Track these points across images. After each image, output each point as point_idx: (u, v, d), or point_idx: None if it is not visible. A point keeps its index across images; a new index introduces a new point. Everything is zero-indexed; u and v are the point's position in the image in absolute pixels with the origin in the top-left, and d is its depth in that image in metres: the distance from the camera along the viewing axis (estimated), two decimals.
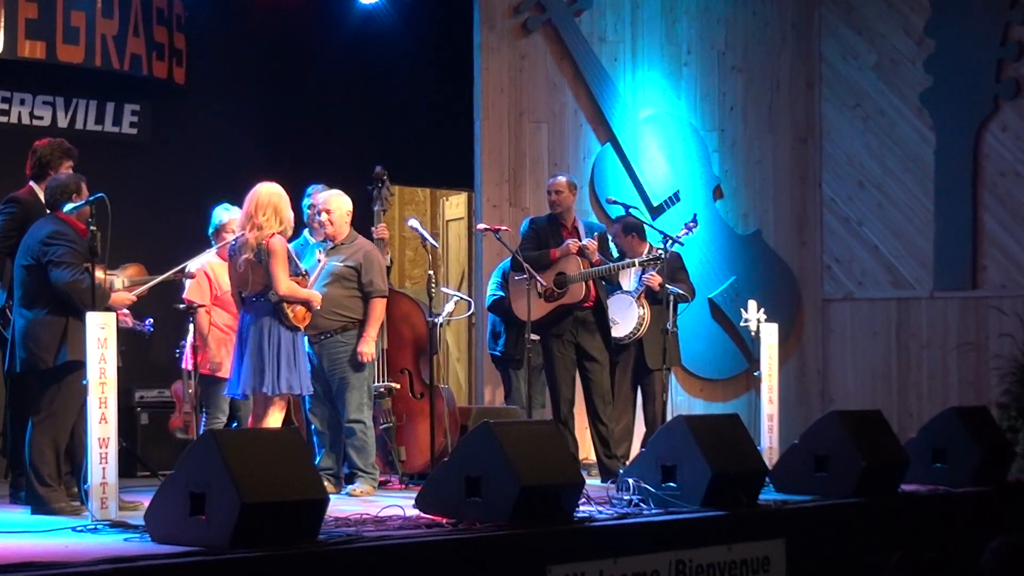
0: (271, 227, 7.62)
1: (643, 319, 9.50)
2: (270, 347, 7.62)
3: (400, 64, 11.57)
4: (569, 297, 9.10)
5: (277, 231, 7.64)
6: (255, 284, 7.66)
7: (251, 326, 7.66)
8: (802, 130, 12.25)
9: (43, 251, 7.22)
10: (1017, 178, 11.39)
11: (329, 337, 8.45)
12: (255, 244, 7.62)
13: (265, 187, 7.74)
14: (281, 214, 7.67)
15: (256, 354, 7.62)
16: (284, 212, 7.70)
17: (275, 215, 7.64)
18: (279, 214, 7.66)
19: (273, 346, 7.63)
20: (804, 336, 12.13)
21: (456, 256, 13.05)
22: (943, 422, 8.88)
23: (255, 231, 7.63)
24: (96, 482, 6.67)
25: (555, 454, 6.86)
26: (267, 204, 7.65)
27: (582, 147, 11.57)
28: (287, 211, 7.73)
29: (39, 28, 9.52)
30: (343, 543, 5.93)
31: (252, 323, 7.67)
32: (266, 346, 7.62)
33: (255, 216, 7.64)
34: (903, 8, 11.93)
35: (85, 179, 7.52)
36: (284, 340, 7.65)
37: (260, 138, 10.90)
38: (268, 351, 7.62)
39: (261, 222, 7.62)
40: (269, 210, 7.64)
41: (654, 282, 9.45)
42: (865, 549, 7.74)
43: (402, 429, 9.12)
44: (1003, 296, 11.38)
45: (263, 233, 7.61)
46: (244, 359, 7.67)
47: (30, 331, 7.28)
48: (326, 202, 8.56)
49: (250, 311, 7.71)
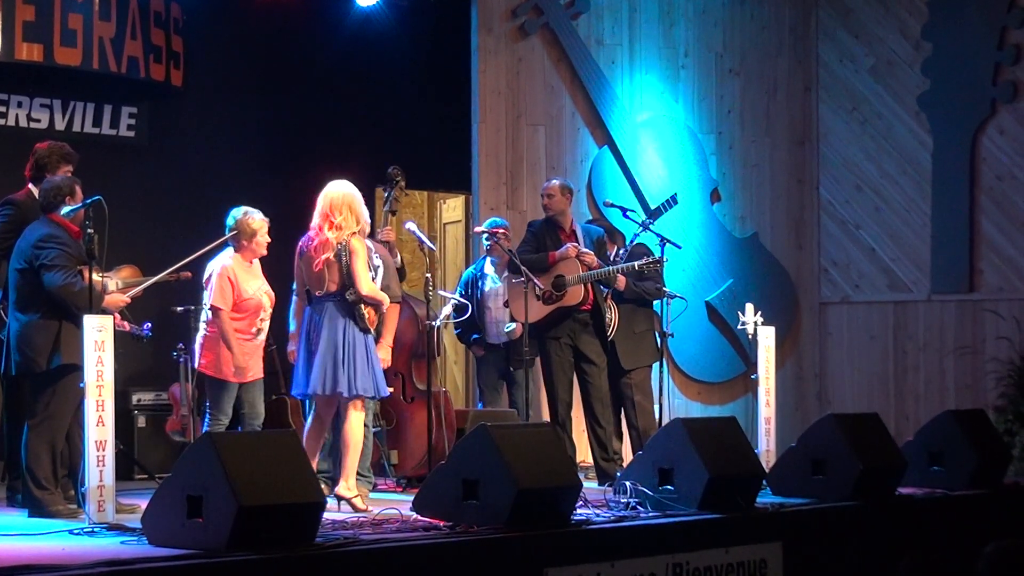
0: (350, 227, 7.54)
1: (611, 321, 9.48)
2: (346, 347, 7.52)
3: (398, 67, 11.58)
4: (568, 300, 9.11)
5: (356, 230, 7.58)
6: (331, 283, 7.57)
7: (323, 325, 7.54)
8: (799, 133, 12.25)
9: (35, 254, 7.21)
10: (1014, 182, 11.40)
11: None
12: (336, 244, 7.54)
13: (337, 186, 7.67)
14: (357, 212, 7.60)
15: (329, 354, 7.50)
16: (360, 210, 7.63)
17: (351, 214, 7.57)
18: (355, 212, 7.59)
19: (349, 346, 7.52)
20: (801, 339, 12.14)
21: (453, 259, 13.05)
22: (940, 425, 8.88)
23: (335, 231, 7.54)
24: (93, 485, 6.67)
25: (552, 457, 6.86)
26: (342, 203, 7.57)
27: (579, 150, 11.57)
28: (362, 209, 7.66)
29: (36, 31, 9.52)
30: (340, 546, 5.93)
31: (325, 322, 7.54)
32: (341, 346, 7.51)
33: (332, 216, 7.56)
34: (900, 12, 11.94)
35: (80, 181, 7.50)
36: (359, 341, 7.55)
37: (257, 141, 10.90)
38: (344, 351, 7.51)
39: (339, 222, 7.54)
40: (345, 209, 7.56)
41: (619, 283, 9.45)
42: (862, 552, 7.75)
43: (393, 433, 9.13)
44: (1000, 299, 11.38)
45: (343, 233, 7.53)
46: (316, 358, 7.53)
47: (24, 335, 7.28)
48: None
49: (321, 310, 7.57)
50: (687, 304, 10.17)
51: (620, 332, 9.52)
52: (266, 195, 8.96)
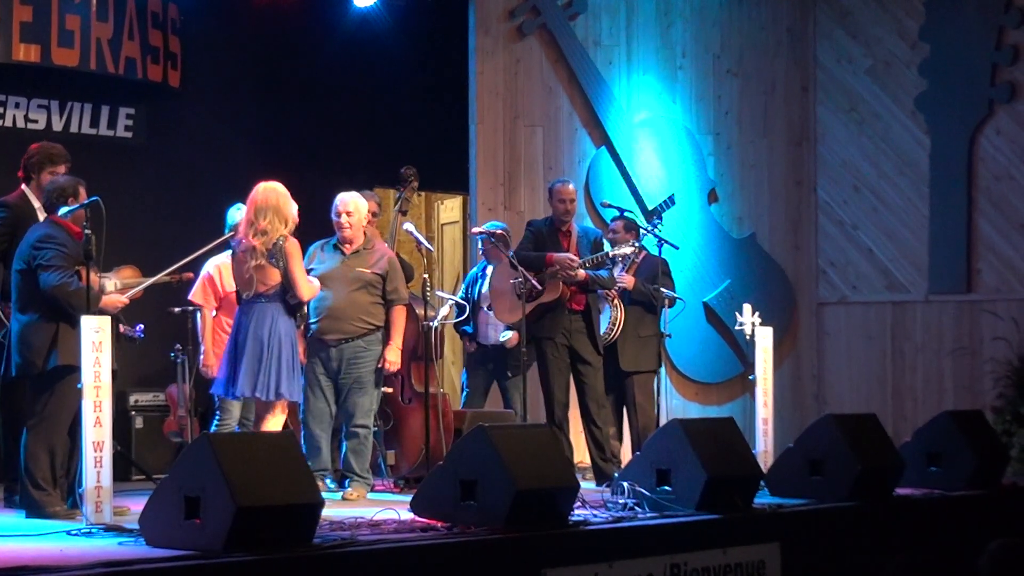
0: (277, 229, 7.47)
1: (616, 320, 9.48)
2: (270, 350, 7.52)
3: (395, 68, 11.58)
4: (548, 295, 9.06)
5: (286, 232, 7.50)
6: (259, 285, 7.55)
7: (250, 327, 7.55)
8: (797, 134, 12.25)
9: (33, 255, 7.21)
10: (1012, 182, 11.40)
11: (350, 342, 8.43)
12: (264, 250, 7.49)
13: (261, 188, 7.59)
14: (284, 214, 7.51)
15: (255, 356, 7.52)
16: (287, 211, 7.53)
17: (277, 216, 7.49)
18: (282, 214, 7.50)
19: (274, 349, 7.53)
20: (799, 340, 12.14)
21: (451, 260, 13.06)
22: (938, 426, 8.87)
23: (260, 236, 7.48)
24: (91, 486, 6.66)
25: (550, 457, 6.85)
26: (265, 207, 7.49)
27: (577, 151, 11.57)
28: (290, 209, 7.56)
29: (34, 31, 9.52)
30: (338, 547, 5.92)
31: (251, 325, 7.55)
32: (266, 348, 7.52)
33: (257, 222, 7.50)
34: (898, 12, 11.94)
35: (83, 182, 7.50)
36: (285, 343, 7.55)
37: (254, 142, 10.90)
38: (268, 353, 7.52)
39: (264, 226, 7.47)
40: (270, 213, 7.48)
41: (627, 282, 9.45)
42: (860, 553, 7.74)
43: (390, 433, 9.13)
44: (997, 300, 11.38)
45: (269, 238, 7.47)
46: (243, 360, 7.54)
47: (23, 336, 7.28)
48: (345, 204, 8.47)
49: (249, 312, 7.58)
50: (685, 305, 10.16)
51: (625, 334, 9.51)
52: None
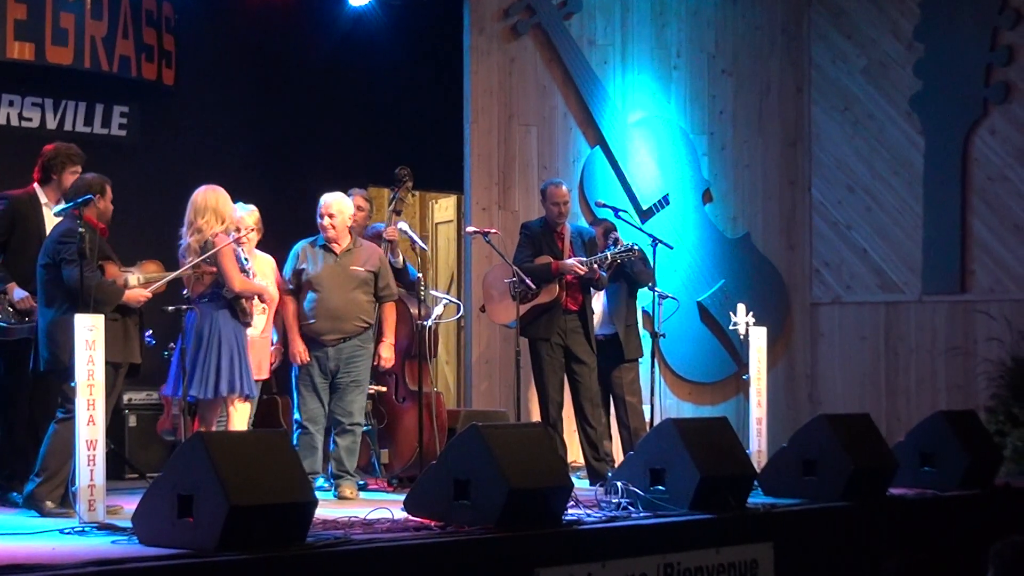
0: (212, 227, 7.67)
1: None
2: (211, 348, 7.63)
3: (389, 67, 11.56)
4: (542, 298, 9.08)
5: (220, 230, 7.68)
6: (198, 285, 7.72)
7: (193, 327, 7.68)
8: (791, 134, 12.26)
9: (56, 250, 7.32)
10: (1006, 182, 11.41)
11: (347, 340, 8.49)
12: (198, 247, 7.65)
13: (201, 190, 7.80)
14: (221, 213, 7.72)
15: (194, 356, 7.63)
16: (224, 210, 7.75)
17: (214, 215, 7.69)
18: (219, 213, 7.71)
19: (214, 347, 7.63)
20: (793, 340, 12.15)
21: (445, 259, 13.05)
22: (931, 426, 8.89)
23: (196, 234, 7.67)
24: (84, 484, 6.66)
25: (544, 457, 6.85)
26: (204, 207, 7.70)
27: (572, 150, 11.57)
28: (227, 208, 7.77)
29: (28, 29, 9.50)
30: (331, 546, 5.92)
31: (196, 324, 7.67)
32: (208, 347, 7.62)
33: (195, 221, 7.70)
34: (892, 12, 11.95)
35: (110, 181, 7.62)
36: (224, 342, 7.65)
37: (249, 140, 10.89)
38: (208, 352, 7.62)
39: (200, 224, 7.67)
40: (208, 212, 7.68)
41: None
42: (853, 553, 7.75)
43: (384, 432, 9.13)
44: (991, 300, 11.40)
45: (203, 235, 7.65)
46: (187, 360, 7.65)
47: (49, 331, 7.35)
48: (328, 205, 8.55)
49: (193, 313, 7.72)
50: (679, 304, 10.17)
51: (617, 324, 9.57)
52: (257, 194, 8.96)
